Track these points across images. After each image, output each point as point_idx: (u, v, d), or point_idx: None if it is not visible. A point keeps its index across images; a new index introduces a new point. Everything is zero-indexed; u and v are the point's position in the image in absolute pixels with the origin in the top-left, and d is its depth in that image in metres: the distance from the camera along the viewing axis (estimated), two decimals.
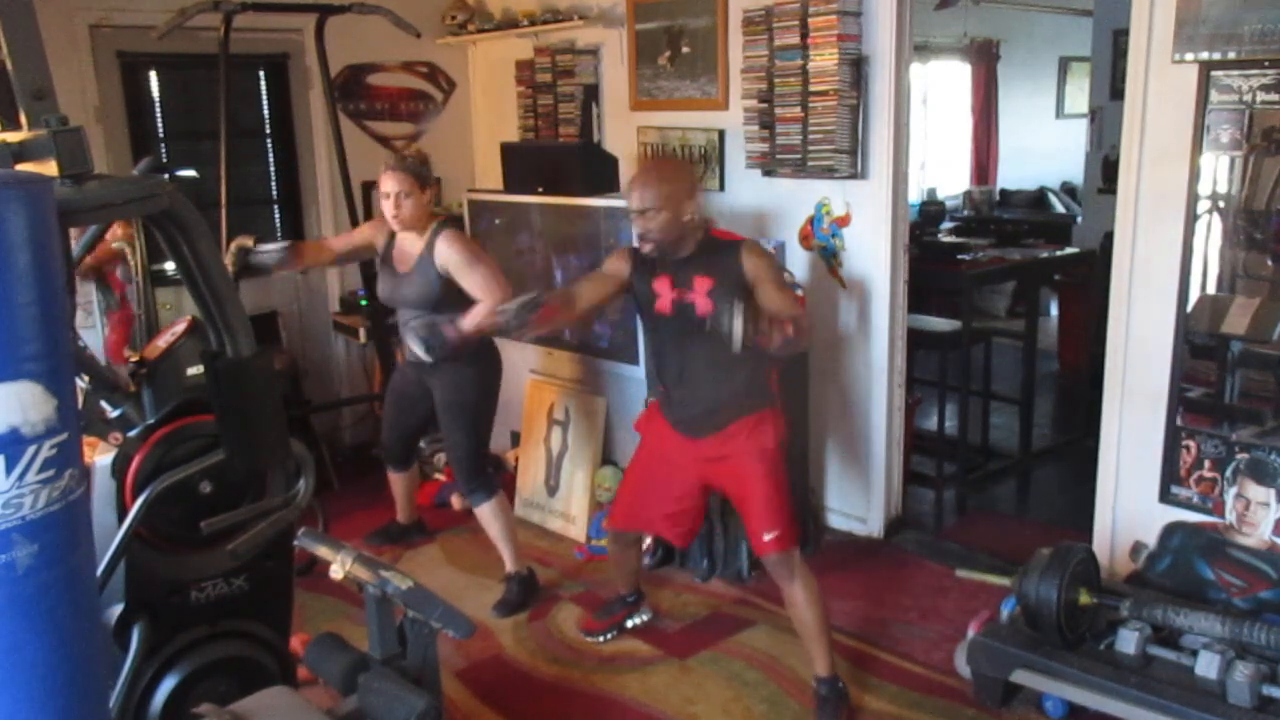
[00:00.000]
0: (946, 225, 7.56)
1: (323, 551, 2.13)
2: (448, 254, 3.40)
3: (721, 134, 4.35)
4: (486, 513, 3.68)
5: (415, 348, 3.15)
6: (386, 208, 3.44)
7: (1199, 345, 3.14)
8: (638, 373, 4.15)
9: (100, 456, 2.18)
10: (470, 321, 3.26)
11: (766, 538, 2.95)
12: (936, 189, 8.70)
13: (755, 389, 2.98)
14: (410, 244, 3.51)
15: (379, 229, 3.64)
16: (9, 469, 1.20)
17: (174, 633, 2.22)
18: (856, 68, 3.78)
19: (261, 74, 5.10)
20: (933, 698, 3.07)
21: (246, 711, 1.87)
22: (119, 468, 2.16)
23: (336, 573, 2.05)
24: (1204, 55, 2.96)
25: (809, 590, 2.94)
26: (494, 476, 3.81)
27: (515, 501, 4.54)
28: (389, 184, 3.41)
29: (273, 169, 5.25)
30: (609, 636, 3.49)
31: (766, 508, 2.95)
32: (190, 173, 3.95)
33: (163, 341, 2.36)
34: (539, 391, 4.66)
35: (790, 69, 3.89)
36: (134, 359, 2.35)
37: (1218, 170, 3.01)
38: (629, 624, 3.53)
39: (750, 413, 2.96)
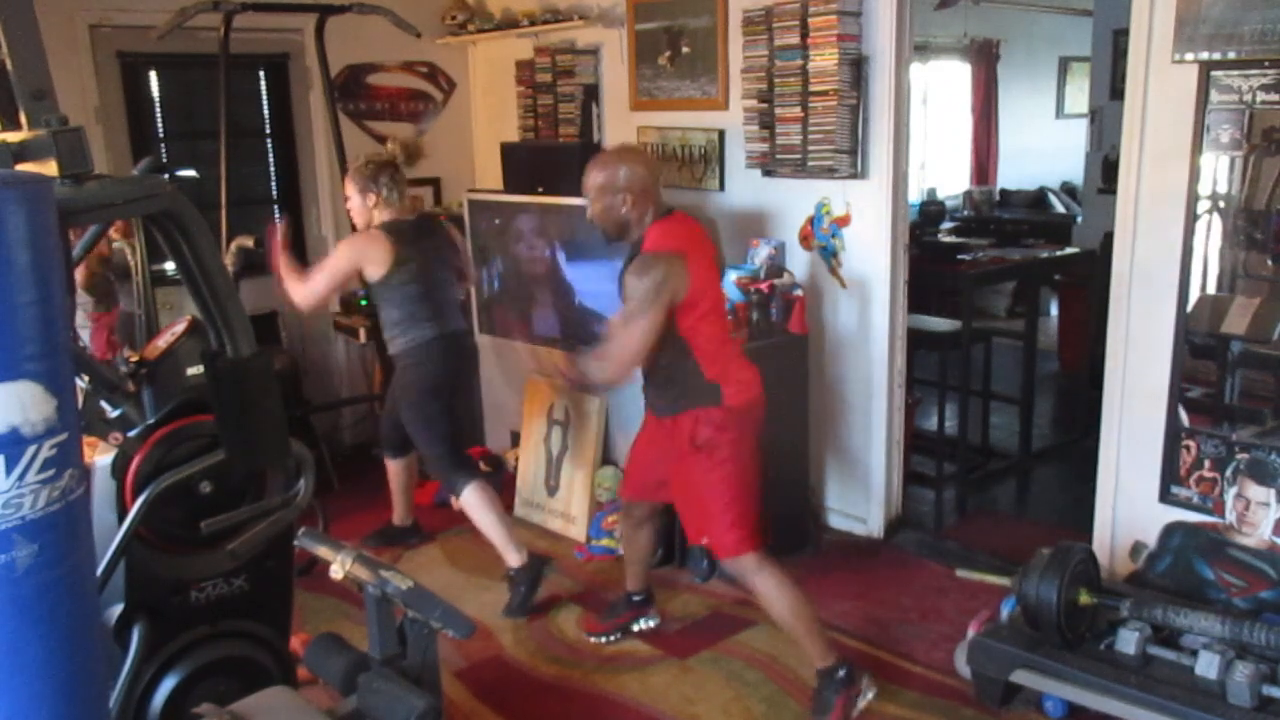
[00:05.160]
0: (946, 225, 7.55)
1: (323, 551, 2.12)
2: None
3: (721, 134, 4.35)
4: (469, 500, 3.66)
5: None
6: None
7: (1199, 345, 3.14)
8: (636, 373, 4.14)
9: (100, 456, 2.18)
10: (280, 259, 3.72)
11: (702, 542, 2.97)
12: (936, 189, 8.69)
13: (677, 389, 2.92)
14: None
15: None
16: (9, 469, 1.20)
17: (174, 633, 2.22)
18: (856, 68, 3.78)
19: (261, 74, 5.11)
20: (933, 698, 3.07)
21: (246, 711, 1.87)
22: (119, 468, 2.15)
23: (336, 573, 2.04)
24: (1204, 55, 2.96)
25: (770, 588, 2.89)
26: (471, 464, 3.87)
27: (515, 501, 4.54)
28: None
29: (273, 169, 5.26)
30: (613, 638, 3.44)
31: (689, 511, 2.97)
32: (190, 173, 3.94)
33: (163, 341, 2.36)
34: (538, 391, 4.65)
35: (790, 69, 3.89)
36: (134, 359, 2.35)
37: (1218, 170, 3.01)
38: (635, 628, 3.48)
39: (677, 412, 2.93)
